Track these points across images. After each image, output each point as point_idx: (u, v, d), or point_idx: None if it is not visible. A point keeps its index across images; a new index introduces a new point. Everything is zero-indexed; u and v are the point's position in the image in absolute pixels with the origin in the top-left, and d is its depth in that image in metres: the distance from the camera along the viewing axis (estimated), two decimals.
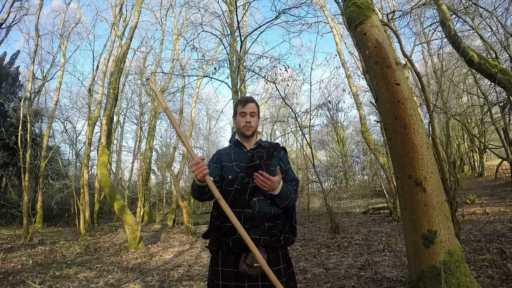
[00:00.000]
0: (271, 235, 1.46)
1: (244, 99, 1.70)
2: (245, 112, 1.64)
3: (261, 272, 1.36)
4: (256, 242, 1.41)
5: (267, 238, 1.45)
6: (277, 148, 1.67)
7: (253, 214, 1.45)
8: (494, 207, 7.00)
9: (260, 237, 1.43)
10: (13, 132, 11.71)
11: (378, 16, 2.83)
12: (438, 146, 3.40)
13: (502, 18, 8.71)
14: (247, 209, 1.46)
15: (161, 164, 19.14)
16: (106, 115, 7.95)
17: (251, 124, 1.62)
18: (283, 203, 1.49)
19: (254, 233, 1.42)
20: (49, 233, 10.19)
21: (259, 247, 1.41)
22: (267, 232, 1.45)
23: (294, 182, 1.62)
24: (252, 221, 1.44)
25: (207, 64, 11.81)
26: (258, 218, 1.45)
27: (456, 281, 2.08)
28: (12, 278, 4.29)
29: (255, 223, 1.44)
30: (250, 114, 1.64)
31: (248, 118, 1.63)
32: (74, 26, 16.35)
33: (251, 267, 1.36)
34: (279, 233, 1.49)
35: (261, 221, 1.45)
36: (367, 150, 13.75)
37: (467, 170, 16.45)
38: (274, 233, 1.47)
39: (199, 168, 1.34)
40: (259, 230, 1.44)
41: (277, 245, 1.48)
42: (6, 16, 11.27)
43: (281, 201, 1.48)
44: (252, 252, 1.34)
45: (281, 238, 1.49)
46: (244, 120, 1.63)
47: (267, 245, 1.44)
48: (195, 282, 3.84)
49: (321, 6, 10.93)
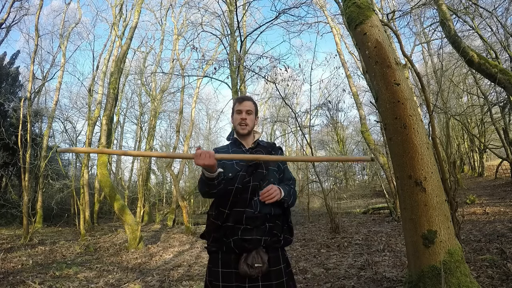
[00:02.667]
0: (272, 236, 1.46)
1: (241, 97, 1.69)
2: (241, 110, 1.63)
3: (261, 273, 1.36)
4: (258, 243, 1.41)
5: (268, 239, 1.44)
6: (275, 148, 1.68)
7: (254, 214, 1.44)
8: (494, 207, 7.00)
9: (262, 237, 1.43)
10: (13, 132, 11.71)
11: (378, 16, 2.83)
12: (438, 146, 3.40)
13: (502, 18, 8.72)
14: (249, 209, 1.44)
15: (161, 164, 19.12)
16: (106, 115, 7.95)
17: (246, 122, 1.61)
18: (290, 201, 1.51)
19: (256, 234, 1.42)
20: (49, 233, 10.19)
21: (260, 248, 1.40)
22: (268, 232, 1.45)
23: (291, 181, 1.62)
24: (254, 221, 1.43)
25: (207, 64, 11.80)
26: (260, 218, 1.45)
27: (456, 281, 2.08)
28: (12, 278, 4.29)
29: (257, 223, 1.44)
30: (246, 112, 1.62)
31: (244, 115, 1.62)
32: (74, 26, 16.36)
33: (251, 267, 1.35)
34: (279, 233, 1.49)
35: (263, 222, 1.45)
36: (367, 150, 13.74)
37: (467, 170, 16.44)
38: (275, 233, 1.47)
39: (204, 156, 1.26)
40: (261, 231, 1.44)
41: (277, 245, 1.48)
42: (6, 16, 11.28)
43: (289, 200, 1.50)
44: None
45: (281, 238, 1.49)
46: (239, 117, 1.62)
47: (267, 246, 1.44)
48: (195, 282, 3.84)
49: (321, 6, 10.93)
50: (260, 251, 1.40)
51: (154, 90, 15.69)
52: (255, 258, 1.37)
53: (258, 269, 1.35)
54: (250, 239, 1.41)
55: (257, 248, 1.40)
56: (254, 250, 1.39)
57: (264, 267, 1.37)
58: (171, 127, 22.84)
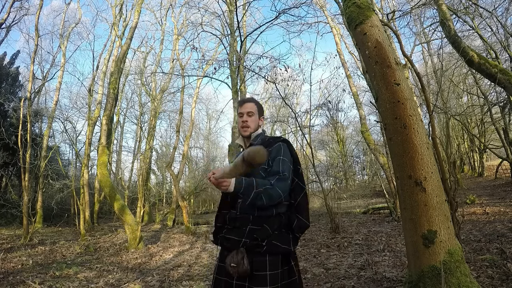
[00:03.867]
0: (251, 239, 1.40)
1: (242, 100, 1.70)
2: (242, 113, 1.64)
3: (237, 273, 1.35)
4: (236, 243, 1.42)
5: (248, 241, 1.41)
6: (270, 143, 1.54)
7: (236, 215, 1.48)
8: (494, 207, 6.99)
9: (240, 239, 1.42)
10: (13, 132, 11.70)
11: (378, 16, 2.83)
12: (438, 146, 3.40)
13: (502, 18, 8.72)
14: (233, 210, 1.51)
15: (161, 164, 19.14)
16: (106, 115, 7.95)
17: (248, 124, 1.61)
18: (246, 201, 1.37)
19: (235, 234, 1.44)
20: (49, 233, 10.19)
21: (239, 249, 1.40)
22: (248, 235, 1.41)
23: (276, 176, 1.41)
24: (234, 222, 1.47)
25: (207, 64, 11.80)
26: (240, 219, 1.46)
27: (456, 281, 2.08)
28: (12, 278, 4.29)
29: (237, 224, 1.46)
30: (247, 114, 1.62)
31: (245, 117, 1.62)
32: (74, 26, 16.37)
33: (230, 266, 1.38)
34: (260, 238, 1.40)
35: (243, 223, 1.44)
36: (367, 150, 13.75)
37: (467, 170, 16.43)
38: (255, 237, 1.40)
39: (219, 184, 1.30)
40: (240, 232, 1.43)
41: (259, 250, 1.40)
42: (6, 16, 11.28)
43: (243, 199, 1.40)
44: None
45: (263, 244, 1.40)
46: (241, 121, 1.63)
47: (248, 249, 1.40)
48: (195, 282, 3.84)
49: (321, 6, 10.93)
50: (240, 252, 1.38)
51: (154, 90, 15.69)
52: (233, 258, 1.39)
53: (234, 269, 1.36)
54: (229, 238, 1.46)
55: (236, 248, 1.41)
56: (234, 250, 1.41)
57: (240, 268, 1.34)
58: (171, 127, 22.89)
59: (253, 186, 1.34)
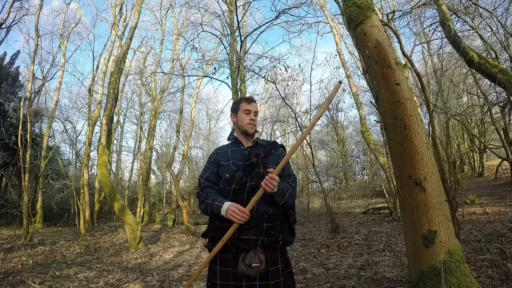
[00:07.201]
0: (269, 236, 1.45)
1: (249, 98, 1.72)
2: (250, 110, 1.66)
3: (259, 272, 1.36)
4: (255, 243, 1.41)
5: (266, 239, 1.44)
6: (275, 146, 1.67)
7: (251, 214, 1.43)
8: (494, 207, 7.00)
9: (259, 237, 1.43)
10: (13, 132, 11.69)
11: (378, 16, 2.83)
12: (438, 146, 3.40)
13: (502, 18, 8.71)
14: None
15: (161, 164, 19.13)
16: (106, 115, 7.95)
17: (255, 123, 1.66)
18: (281, 201, 1.46)
19: (253, 234, 1.42)
20: (49, 233, 10.19)
21: (258, 248, 1.40)
22: (266, 232, 1.45)
23: (291, 178, 1.58)
24: (250, 221, 1.42)
25: (207, 64, 11.78)
26: (257, 218, 1.44)
27: (456, 281, 2.08)
28: (12, 278, 4.29)
29: (254, 223, 1.43)
30: (254, 113, 1.67)
31: (253, 115, 1.66)
32: (74, 26, 16.36)
33: (249, 267, 1.35)
34: (277, 234, 1.48)
35: (260, 222, 1.45)
36: (367, 150, 13.74)
37: (467, 170, 16.43)
38: (273, 234, 1.47)
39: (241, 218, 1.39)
40: (258, 231, 1.43)
41: (276, 246, 1.47)
42: (6, 16, 11.26)
43: (279, 198, 1.45)
44: None
45: (279, 239, 1.48)
46: (249, 118, 1.65)
47: (265, 246, 1.44)
48: (195, 282, 3.84)
49: (321, 6, 10.93)
50: (258, 251, 1.39)
51: (154, 90, 15.69)
52: (253, 258, 1.37)
53: (256, 269, 1.35)
54: (247, 239, 1.41)
55: (254, 248, 1.40)
56: (251, 250, 1.39)
57: (262, 267, 1.36)
58: (171, 127, 22.87)
59: (285, 187, 1.49)
